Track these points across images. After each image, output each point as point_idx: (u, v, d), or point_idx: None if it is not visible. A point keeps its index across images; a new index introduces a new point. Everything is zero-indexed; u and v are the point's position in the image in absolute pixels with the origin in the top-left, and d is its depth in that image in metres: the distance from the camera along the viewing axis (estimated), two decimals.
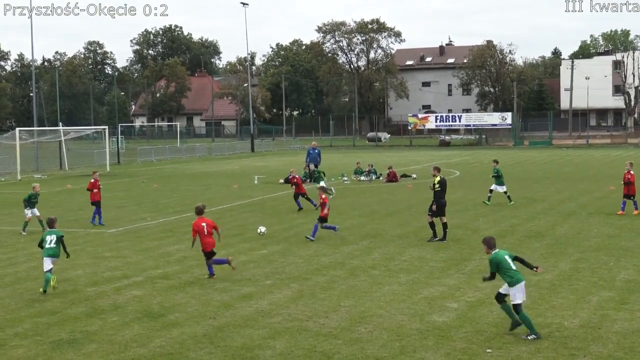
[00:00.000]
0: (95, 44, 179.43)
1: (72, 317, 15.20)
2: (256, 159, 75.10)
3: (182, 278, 18.64)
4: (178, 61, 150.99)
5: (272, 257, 21.27)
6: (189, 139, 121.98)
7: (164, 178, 51.80)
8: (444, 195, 23.61)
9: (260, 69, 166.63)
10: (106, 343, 13.49)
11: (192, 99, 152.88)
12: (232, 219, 29.31)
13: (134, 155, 76.24)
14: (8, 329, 14.49)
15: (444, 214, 23.51)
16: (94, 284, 18.21)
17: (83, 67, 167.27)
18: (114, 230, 26.87)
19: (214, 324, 14.56)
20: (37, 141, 65.70)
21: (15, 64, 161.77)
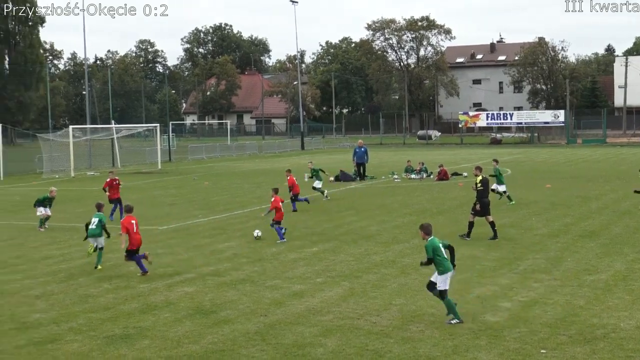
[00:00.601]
0: (146, 43, 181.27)
1: (125, 313, 15.33)
2: (306, 157, 75.11)
3: (233, 275, 18.70)
4: (228, 59, 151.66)
5: (322, 254, 21.25)
6: (239, 137, 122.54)
7: (215, 176, 52.09)
8: (487, 195, 23.46)
9: (310, 67, 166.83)
10: (159, 339, 13.58)
11: (242, 97, 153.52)
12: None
13: (185, 153, 76.80)
14: (63, 324, 14.67)
15: (489, 213, 23.30)
16: (147, 280, 18.35)
17: (134, 65, 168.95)
18: (166, 227, 27.07)
19: (265, 321, 14.58)
20: (90, 139, 66.48)
21: (69, 63, 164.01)
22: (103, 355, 12.78)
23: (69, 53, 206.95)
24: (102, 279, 18.55)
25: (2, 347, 13.26)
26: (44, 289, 17.57)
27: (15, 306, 16.06)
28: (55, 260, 21.23)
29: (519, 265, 19.15)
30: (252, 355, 12.62)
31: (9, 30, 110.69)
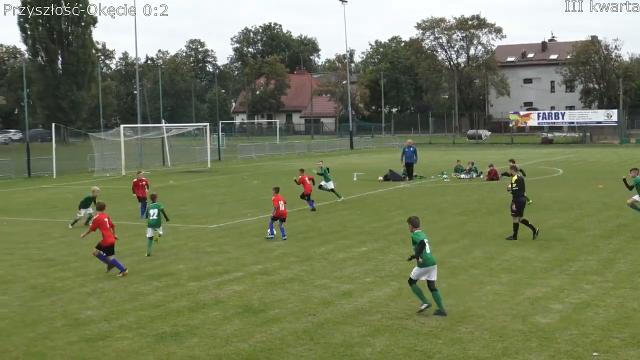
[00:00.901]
0: (196, 42, 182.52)
1: (174, 311, 15.44)
2: (355, 156, 75.11)
3: (282, 274, 18.73)
4: (277, 59, 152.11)
5: (371, 254, 21.20)
6: (288, 136, 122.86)
7: (264, 175, 52.27)
8: (523, 194, 23.21)
9: (359, 66, 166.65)
10: (208, 337, 13.64)
11: (291, 96, 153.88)
12: (331, 216, 29.36)
13: (235, 152, 77.19)
14: (113, 321, 14.81)
15: (522, 214, 23.06)
16: (196, 278, 18.46)
17: (185, 65, 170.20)
18: (216, 226, 27.22)
19: (313, 320, 14.58)
20: (141, 138, 67.14)
21: (120, 63, 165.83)
22: (153, 352, 12.88)
23: (121, 53, 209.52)
24: (152, 277, 18.71)
25: (55, 344, 13.43)
26: (95, 287, 17.77)
27: (68, 303, 16.26)
28: None
29: (570, 267, 18.91)
30: (301, 355, 12.62)
31: (62, 30, 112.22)
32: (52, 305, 16.15)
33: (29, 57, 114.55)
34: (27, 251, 22.93)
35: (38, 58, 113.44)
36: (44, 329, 14.39)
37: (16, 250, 23.09)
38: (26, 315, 15.34)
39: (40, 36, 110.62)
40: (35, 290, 17.54)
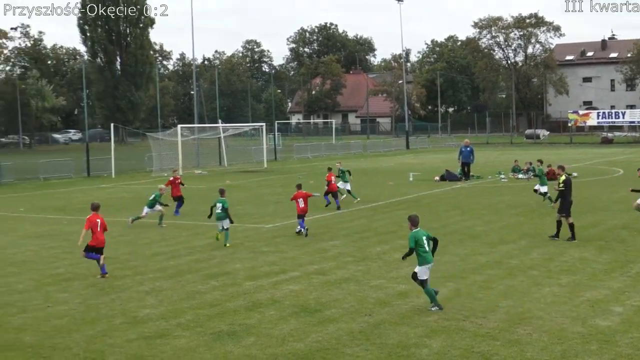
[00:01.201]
0: (252, 43, 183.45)
1: (231, 310, 15.52)
2: (411, 156, 74.81)
3: (338, 274, 18.72)
4: (333, 59, 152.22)
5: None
6: (344, 136, 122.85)
7: (320, 175, 52.22)
8: (570, 195, 22.96)
9: (415, 66, 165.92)
10: (264, 336, 13.69)
11: (347, 96, 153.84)
12: (387, 216, 29.28)
13: (291, 152, 77.41)
14: (171, 319, 14.95)
15: (570, 214, 22.77)
16: (253, 278, 18.55)
17: (241, 65, 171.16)
18: (272, 226, 27.32)
19: (369, 320, 14.54)
20: (198, 138, 67.69)
21: (177, 63, 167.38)
22: (209, 351, 12.97)
23: (178, 54, 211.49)
24: (209, 276, 18.84)
25: (114, 341, 13.60)
26: (153, 285, 17.95)
27: (126, 301, 16.45)
28: (164, 257, 21.67)
29: (631, 269, 18.58)
30: (357, 355, 12.60)
31: (120, 32, 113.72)
32: (111, 303, 16.36)
33: (89, 59, 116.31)
34: None
35: (97, 59, 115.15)
36: (103, 326, 14.58)
37: (76, 249, 23.41)
38: (86, 313, 15.56)
39: (99, 38, 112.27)
40: (94, 288, 17.79)
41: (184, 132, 63.17)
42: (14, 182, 50.69)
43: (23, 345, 13.53)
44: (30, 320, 15.16)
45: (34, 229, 28.11)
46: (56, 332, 14.29)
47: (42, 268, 20.47)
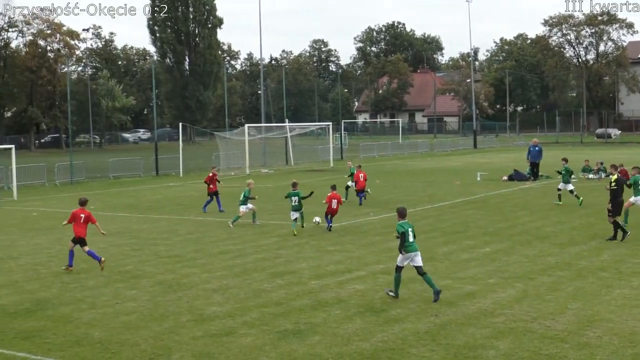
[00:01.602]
0: (320, 42, 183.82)
1: (296, 309, 15.54)
2: (478, 156, 74.13)
3: (404, 274, 18.56)
4: (400, 58, 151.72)
5: (495, 255, 20.84)
6: (410, 135, 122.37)
7: (386, 174, 52.15)
8: (621, 194, 22.81)
9: (483, 65, 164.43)
10: (329, 335, 13.67)
11: (414, 95, 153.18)
12: (455, 216, 29.03)
13: (357, 151, 77.36)
14: (237, 317, 15.03)
15: (620, 214, 22.65)
16: (318, 277, 18.55)
17: (308, 64, 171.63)
18: (337, 225, 27.30)
19: (435, 321, 14.42)
20: (265, 137, 68.09)
21: (245, 63, 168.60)
22: (275, 349, 13.00)
23: (246, 53, 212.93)
24: (275, 274, 18.91)
25: (181, 338, 13.73)
26: (220, 283, 18.08)
27: (193, 299, 16.60)
28: (231, 255, 21.82)
29: None
30: (422, 355, 12.50)
31: (189, 32, 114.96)
32: (179, 300, 16.52)
33: (158, 59, 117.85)
34: (155, 247, 23.55)
35: (166, 59, 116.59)
36: (170, 323, 14.73)
37: (145, 246, 23.76)
38: (154, 310, 15.74)
39: (169, 38, 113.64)
40: (162, 286, 17.99)
41: (251, 131, 63.60)
42: (85, 180, 51.62)
43: (92, 341, 13.75)
44: (99, 316, 15.40)
45: (104, 227, 28.51)
46: (124, 328, 14.49)
47: (112, 265, 20.78)
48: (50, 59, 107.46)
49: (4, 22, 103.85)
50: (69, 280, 18.90)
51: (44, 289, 17.95)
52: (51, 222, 30.06)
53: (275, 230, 26.43)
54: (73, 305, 16.34)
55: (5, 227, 28.80)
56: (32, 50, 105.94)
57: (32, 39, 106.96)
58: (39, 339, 13.92)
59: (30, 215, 33.00)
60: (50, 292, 17.66)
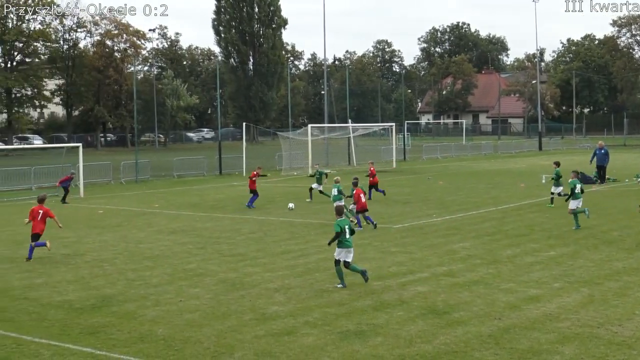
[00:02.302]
0: (383, 43, 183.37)
1: (359, 310, 15.50)
2: (543, 158, 73.09)
3: (467, 276, 18.44)
4: (465, 58, 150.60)
5: (560, 259, 20.51)
6: (474, 137, 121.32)
7: (449, 175, 51.81)
8: None
9: (549, 65, 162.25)
10: (392, 337, 13.60)
11: (478, 96, 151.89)
12: (519, 219, 28.66)
13: (420, 152, 77.00)
14: (299, 317, 15.04)
15: None
16: (380, 278, 18.48)
17: (372, 65, 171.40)
18: (400, 226, 27.18)
19: (499, 324, 14.25)
20: (327, 137, 68.13)
21: (308, 63, 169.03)
22: (337, 349, 12.97)
23: (309, 54, 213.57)
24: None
25: (243, 337, 13.79)
26: (282, 283, 18.12)
27: (256, 298, 16.66)
28: (293, 255, 21.86)
29: None
30: (485, 359, 12.35)
31: (253, 33, 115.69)
32: (241, 299, 16.60)
33: (222, 59, 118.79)
34: (218, 246, 23.72)
35: (231, 60, 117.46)
36: (233, 322, 14.81)
37: (208, 245, 23.95)
38: (216, 308, 15.84)
39: (233, 38, 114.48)
40: (225, 284, 18.10)
41: (314, 131, 63.69)
42: (150, 178, 52.27)
43: (156, 338, 13.89)
44: (163, 313, 15.56)
45: (168, 225, 28.88)
46: (188, 325, 14.61)
47: (175, 263, 20.99)
48: (117, 58, 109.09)
49: (73, 22, 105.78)
50: (134, 277, 19.14)
51: (109, 286, 18.20)
52: (117, 220, 30.50)
53: None
54: (137, 302, 16.54)
55: (72, 223, 29.30)
56: (100, 50, 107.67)
57: (100, 39, 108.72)
58: (104, 335, 14.12)
59: (96, 213, 33.53)
60: (115, 288, 17.91)
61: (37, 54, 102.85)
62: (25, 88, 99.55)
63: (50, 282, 18.77)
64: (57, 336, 14.09)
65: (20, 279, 19.23)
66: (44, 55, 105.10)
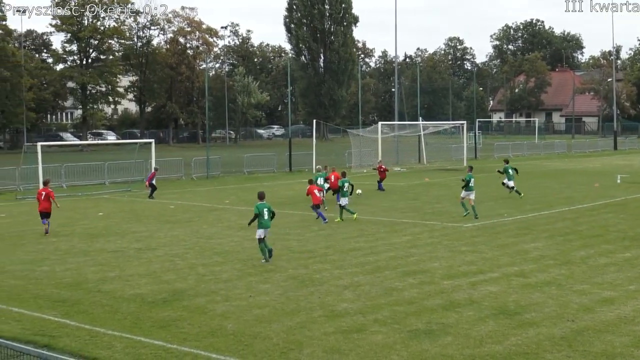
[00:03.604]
0: (455, 40, 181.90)
1: (428, 309, 15.39)
2: (619, 157, 71.70)
3: (539, 277, 18.16)
4: (538, 56, 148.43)
5: (635, 261, 20.08)
6: (547, 135, 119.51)
7: (522, 174, 50.93)
8: None
9: (626, 63, 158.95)
10: (462, 337, 13.47)
11: (551, 95, 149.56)
12: (592, 219, 28.13)
13: (491, 151, 76.17)
14: (369, 314, 15.00)
15: None
16: (450, 277, 18.32)
17: (443, 62, 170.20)
18: (471, 225, 26.92)
19: (572, 326, 14.00)
20: (397, 135, 67.85)
21: (379, 61, 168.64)
22: (406, 348, 12.90)
23: (380, 51, 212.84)
24: (407, 273, 18.78)
25: (312, 333, 13.80)
26: (351, 280, 18.09)
27: (325, 295, 16.67)
28: (362, 253, 21.82)
29: None
30: None
31: (325, 29, 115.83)
32: (310, 296, 16.62)
33: (293, 56, 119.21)
34: (287, 242, 23.80)
35: (301, 57, 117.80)
36: (302, 318, 14.83)
37: (278, 241, 24.02)
38: (286, 304, 15.89)
39: (304, 36, 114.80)
40: (294, 281, 18.15)
41: (384, 129, 63.47)
42: (221, 175, 52.72)
43: (226, 332, 13.99)
44: (233, 308, 15.66)
45: (238, 221, 29.07)
46: (257, 321, 14.68)
47: (245, 258, 21.13)
48: (190, 55, 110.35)
49: (147, 20, 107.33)
50: (204, 272, 19.32)
51: (180, 280, 18.41)
52: (188, 215, 30.84)
53: (407, 228, 26.28)
54: (208, 296, 16.68)
55: (144, 218, 29.71)
56: (173, 47, 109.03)
57: (173, 37, 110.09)
58: (175, 329, 14.27)
59: (167, 208, 33.94)
60: (186, 283, 18.10)
61: (111, 51, 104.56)
62: (99, 84, 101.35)
63: (123, 275, 19.06)
64: (130, 329, 14.30)
65: (94, 272, 19.57)
66: (118, 52, 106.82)
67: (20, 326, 14.61)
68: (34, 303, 16.41)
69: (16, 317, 15.27)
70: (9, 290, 17.69)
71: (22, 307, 16.01)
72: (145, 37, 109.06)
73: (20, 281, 18.62)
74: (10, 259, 21.57)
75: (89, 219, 30.42)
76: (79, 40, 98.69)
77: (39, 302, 16.45)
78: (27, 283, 18.38)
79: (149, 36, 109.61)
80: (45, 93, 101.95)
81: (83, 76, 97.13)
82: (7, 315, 15.42)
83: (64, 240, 24.97)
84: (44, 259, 21.46)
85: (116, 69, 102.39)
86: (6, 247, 23.83)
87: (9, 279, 18.87)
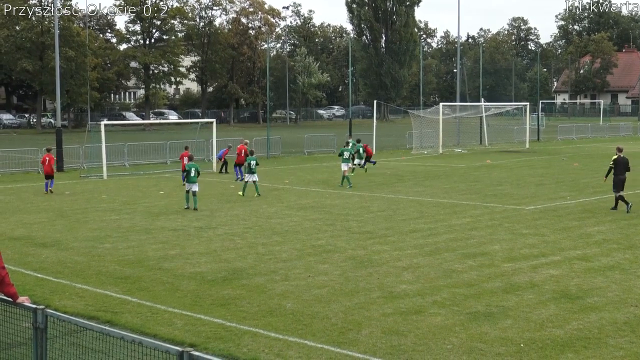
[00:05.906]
0: (519, 20, 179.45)
1: (488, 291, 15.25)
2: None
3: (602, 261, 17.86)
4: (605, 36, 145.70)
5: None
6: (612, 117, 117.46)
7: (585, 157, 50.35)
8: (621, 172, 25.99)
9: None
10: (522, 320, 13.32)
11: (617, 76, 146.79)
12: None
13: (554, 133, 75.12)
14: (427, 296, 14.92)
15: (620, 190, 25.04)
16: (511, 260, 18.13)
17: (506, 43, 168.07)
18: (532, 208, 26.60)
19: (635, 312, 13.74)
20: (459, 116, 67.30)
21: (441, 41, 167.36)
22: (465, 330, 12.80)
23: (442, 31, 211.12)
24: (467, 255, 18.62)
25: (370, 314, 13.78)
26: (410, 262, 18.01)
27: (384, 276, 16.62)
28: (422, 234, 21.70)
29: None
30: (620, 347, 11.94)
31: (387, 9, 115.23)
32: (369, 276, 16.59)
33: (354, 37, 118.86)
34: (347, 223, 23.78)
35: (363, 37, 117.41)
36: (360, 299, 14.82)
37: (337, 221, 24.04)
38: (344, 285, 15.89)
39: (366, 15, 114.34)
40: (353, 261, 18.13)
41: (446, 110, 63.01)
42: (281, 155, 52.92)
43: (285, 312, 14.04)
44: (292, 288, 15.71)
45: (298, 201, 29.16)
46: (316, 301, 14.70)
47: (304, 238, 21.17)
48: (251, 36, 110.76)
49: (209, 0, 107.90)
50: (264, 251, 19.41)
51: (239, 259, 18.52)
52: (247, 195, 30.99)
53: (468, 210, 26.06)
54: (267, 276, 16.76)
55: (205, 197, 29.98)
56: (235, 27, 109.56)
57: (235, 17, 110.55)
58: (234, 307, 14.37)
59: (228, 187, 34.19)
60: (245, 262, 18.21)
61: (174, 31, 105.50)
62: (162, 64, 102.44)
63: (184, 253, 19.25)
64: (190, 306, 14.44)
65: (155, 249, 19.81)
66: (181, 32, 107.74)
67: (84, 302, 14.86)
68: (97, 279, 16.67)
69: (79, 293, 15.53)
70: (72, 266, 18.00)
71: (86, 284, 16.28)
72: (207, 18, 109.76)
73: (83, 257, 18.93)
74: (74, 236, 21.95)
75: (150, 197, 30.80)
76: (142, 21, 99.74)
77: (101, 279, 16.71)
78: (90, 260, 18.68)
79: (211, 16, 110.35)
80: (108, 73, 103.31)
81: (146, 56, 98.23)
82: (70, 291, 15.68)
83: (126, 218, 25.32)
84: (106, 236, 21.78)
85: (178, 49, 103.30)
86: (70, 224, 24.24)
87: (73, 256, 19.20)
